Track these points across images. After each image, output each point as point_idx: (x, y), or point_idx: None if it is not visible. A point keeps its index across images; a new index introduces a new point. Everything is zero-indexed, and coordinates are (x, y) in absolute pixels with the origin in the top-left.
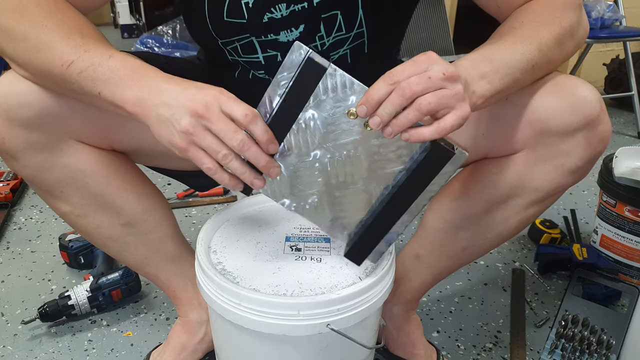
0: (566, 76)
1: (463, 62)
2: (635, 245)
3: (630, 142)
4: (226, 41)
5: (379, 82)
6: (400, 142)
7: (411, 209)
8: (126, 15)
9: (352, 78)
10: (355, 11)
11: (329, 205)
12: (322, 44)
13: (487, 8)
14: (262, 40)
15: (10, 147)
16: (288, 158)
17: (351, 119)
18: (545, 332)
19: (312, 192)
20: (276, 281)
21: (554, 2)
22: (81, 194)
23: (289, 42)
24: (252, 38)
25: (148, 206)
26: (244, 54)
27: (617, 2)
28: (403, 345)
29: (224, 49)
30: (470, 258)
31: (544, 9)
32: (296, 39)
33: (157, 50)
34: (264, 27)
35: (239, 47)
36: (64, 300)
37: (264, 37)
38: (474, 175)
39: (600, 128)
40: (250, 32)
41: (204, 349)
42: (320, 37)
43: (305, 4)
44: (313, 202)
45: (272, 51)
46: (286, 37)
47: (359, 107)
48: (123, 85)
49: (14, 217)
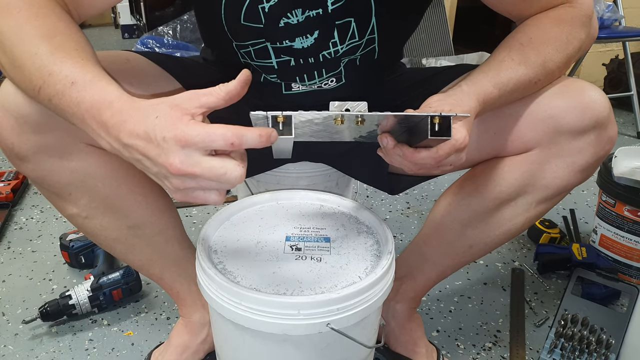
0: (573, 79)
1: (477, 98)
2: (634, 245)
3: (630, 142)
4: (241, 44)
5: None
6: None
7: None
8: (127, 15)
9: (314, 113)
10: (369, 18)
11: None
12: (335, 51)
13: (500, 11)
14: (276, 47)
15: (19, 151)
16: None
17: (342, 125)
18: (545, 331)
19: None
20: (276, 281)
21: (563, 17)
22: (89, 197)
23: (304, 49)
24: (267, 44)
25: (155, 209)
26: (257, 58)
27: (616, 2)
28: (405, 343)
29: (237, 51)
30: (476, 256)
31: (553, 25)
32: (310, 46)
33: (157, 50)
34: (280, 33)
35: (252, 52)
36: (65, 300)
37: (279, 43)
38: (485, 174)
39: (609, 128)
40: (266, 38)
41: (206, 350)
42: (334, 44)
43: (320, 10)
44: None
45: (285, 56)
46: (301, 44)
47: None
48: (90, 129)
49: (14, 217)
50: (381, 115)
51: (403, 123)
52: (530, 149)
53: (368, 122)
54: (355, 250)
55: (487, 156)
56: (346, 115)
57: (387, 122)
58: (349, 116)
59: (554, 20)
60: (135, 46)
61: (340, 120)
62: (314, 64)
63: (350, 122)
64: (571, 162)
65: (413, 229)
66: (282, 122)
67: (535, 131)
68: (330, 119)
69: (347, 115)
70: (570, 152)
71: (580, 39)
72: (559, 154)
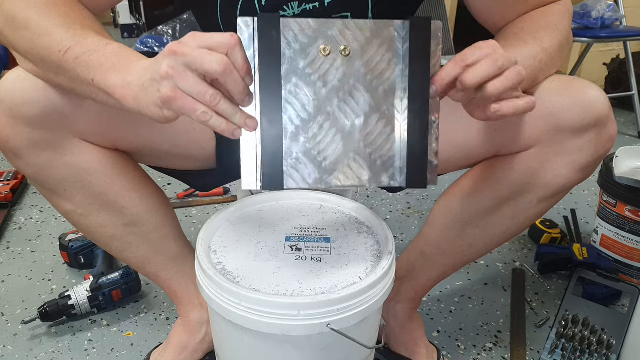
0: (573, 77)
1: None
2: (635, 245)
3: (631, 142)
4: None
5: (451, 63)
6: (381, 49)
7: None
8: (126, 15)
9: (306, 19)
10: (365, 13)
11: (357, 154)
12: None
13: (485, 23)
14: None
15: (13, 145)
16: (296, 137)
17: (328, 56)
18: (546, 332)
19: (336, 150)
20: (276, 281)
21: (549, 11)
22: (84, 193)
23: None
24: None
25: (151, 206)
26: None
27: (617, 2)
28: (405, 344)
29: None
30: (476, 255)
31: (541, 16)
32: None
33: (157, 50)
34: None
35: None
36: (64, 300)
37: None
38: (485, 172)
39: (609, 126)
40: None
41: (205, 349)
42: None
43: (317, 3)
44: (342, 162)
45: None
46: None
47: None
48: (115, 70)
49: (14, 217)
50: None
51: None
52: (531, 146)
53: (353, 49)
54: (356, 250)
55: (487, 154)
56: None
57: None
58: (332, 34)
59: (541, 13)
60: (135, 46)
61: (325, 50)
62: None
63: (336, 53)
64: (571, 160)
65: (413, 229)
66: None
67: (535, 128)
68: (320, 32)
69: (329, 27)
70: (570, 150)
71: (568, 27)
72: (559, 152)
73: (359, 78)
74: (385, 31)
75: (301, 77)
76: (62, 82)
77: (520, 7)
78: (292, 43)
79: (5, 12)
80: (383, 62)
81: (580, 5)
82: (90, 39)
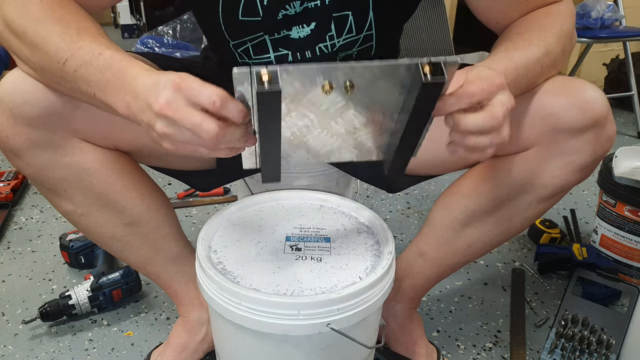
0: (572, 78)
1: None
2: (635, 245)
3: (630, 142)
4: (238, 42)
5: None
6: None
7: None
8: (126, 15)
9: (304, 66)
10: (366, 13)
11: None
12: (332, 44)
13: (487, 22)
14: (274, 38)
15: (14, 145)
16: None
17: (329, 94)
18: (545, 331)
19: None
20: (276, 281)
21: (552, 10)
22: (85, 193)
23: (301, 39)
24: (265, 37)
25: (151, 206)
26: (255, 55)
27: (617, 2)
28: (405, 344)
29: (234, 51)
30: (475, 256)
31: (544, 16)
32: (307, 37)
33: (157, 50)
34: (278, 24)
35: (250, 48)
36: (65, 300)
37: (276, 34)
38: (484, 173)
39: (608, 127)
40: (264, 31)
41: (205, 349)
42: (330, 37)
43: (318, 2)
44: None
45: (283, 50)
46: (298, 34)
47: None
48: (112, 88)
49: (14, 217)
50: (366, 66)
51: (391, 86)
52: (529, 147)
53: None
54: (356, 250)
55: None
56: (334, 69)
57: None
58: (337, 77)
59: (544, 13)
60: (135, 46)
61: (328, 86)
62: (310, 58)
63: (340, 90)
64: (570, 160)
65: (413, 229)
66: (268, 80)
67: (534, 128)
68: (318, 72)
69: (334, 74)
70: (568, 150)
71: (571, 26)
72: (557, 152)
73: (362, 103)
74: (394, 75)
75: (301, 110)
76: (65, 92)
77: (522, 6)
78: (291, 94)
79: (3, 16)
80: (387, 95)
81: (579, 5)
82: (85, 47)
